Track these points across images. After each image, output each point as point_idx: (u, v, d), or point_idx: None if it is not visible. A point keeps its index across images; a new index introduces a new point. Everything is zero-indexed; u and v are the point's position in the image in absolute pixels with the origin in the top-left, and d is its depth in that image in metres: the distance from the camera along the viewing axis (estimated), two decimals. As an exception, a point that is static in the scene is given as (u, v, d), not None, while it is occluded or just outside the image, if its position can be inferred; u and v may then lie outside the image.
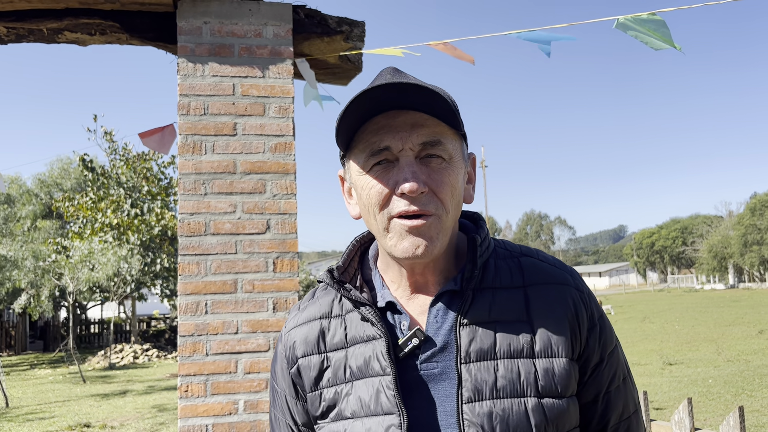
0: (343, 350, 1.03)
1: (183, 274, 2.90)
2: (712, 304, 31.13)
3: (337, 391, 1.01)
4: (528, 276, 1.04)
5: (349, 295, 1.03)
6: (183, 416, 2.81)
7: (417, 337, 0.98)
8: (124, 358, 19.85)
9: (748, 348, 13.72)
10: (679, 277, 74.03)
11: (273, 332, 2.92)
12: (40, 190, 27.44)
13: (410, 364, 0.98)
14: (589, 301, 1.04)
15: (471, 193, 1.07)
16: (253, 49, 3.08)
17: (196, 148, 2.98)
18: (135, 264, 18.11)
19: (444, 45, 3.23)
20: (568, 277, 1.06)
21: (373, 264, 1.11)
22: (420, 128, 0.96)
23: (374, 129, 0.97)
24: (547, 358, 0.97)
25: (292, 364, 1.07)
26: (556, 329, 0.99)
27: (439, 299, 1.01)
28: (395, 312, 1.03)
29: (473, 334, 0.97)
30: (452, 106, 0.95)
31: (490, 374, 0.95)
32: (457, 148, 1.00)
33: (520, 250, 1.10)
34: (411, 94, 0.93)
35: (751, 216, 55.63)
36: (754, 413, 7.52)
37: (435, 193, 0.96)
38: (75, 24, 3.12)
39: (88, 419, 10.01)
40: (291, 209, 3.02)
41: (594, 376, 1.03)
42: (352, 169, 1.02)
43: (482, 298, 1.00)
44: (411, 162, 0.95)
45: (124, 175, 20.15)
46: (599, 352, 1.03)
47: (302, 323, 1.09)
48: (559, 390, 0.96)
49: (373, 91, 0.92)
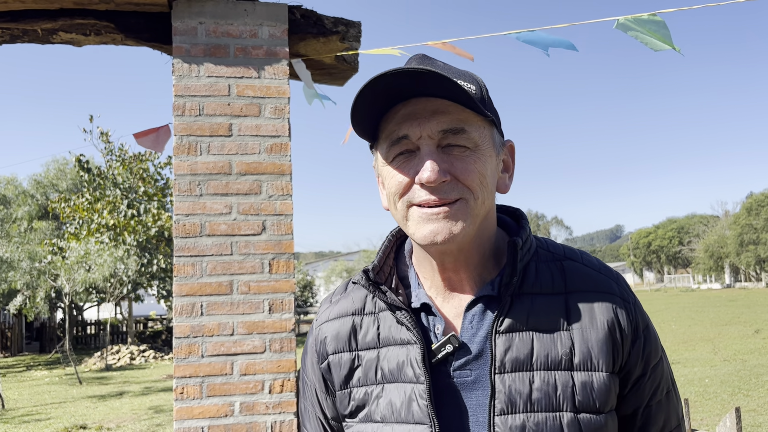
0: (375, 350, 1.00)
1: (178, 275, 2.88)
2: (708, 304, 31.19)
3: (367, 392, 0.99)
4: (570, 282, 0.99)
5: (384, 298, 1.00)
6: (178, 418, 2.80)
7: (451, 344, 0.94)
8: (121, 360, 19.80)
9: (744, 347, 13.74)
10: (675, 277, 74.20)
11: (269, 334, 2.91)
12: (36, 191, 27.36)
13: (443, 370, 0.95)
14: (635, 311, 0.99)
15: (507, 183, 1.01)
16: (249, 49, 3.07)
17: (191, 149, 2.97)
18: (131, 265, 18.06)
19: (443, 44, 3.22)
20: (613, 284, 1.00)
21: (409, 260, 1.07)
22: (440, 115, 0.91)
23: (394, 118, 0.94)
24: (586, 371, 0.92)
25: (322, 359, 1.06)
26: (597, 341, 0.94)
27: (475, 304, 0.97)
28: (430, 314, 0.99)
29: (509, 342, 0.93)
30: (479, 92, 0.91)
31: (525, 386, 0.91)
32: (485, 136, 0.94)
33: (564, 252, 1.04)
34: (430, 80, 0.88)
35: (747, 215, 55.78)
36: (750, 413, 7.53)
37: (459, 180, 0.91)
38: (70, 24, 3.11)
39: (84, 421, 9.98)
40: (287, 210, 3.01)
41: (635, 389, 0.98)
42: (378, 159, 0.99)
43: (520, 305, 0.95)
44: (431, 151, 0.91)
45: (120, 175, 20.10)
46: (642, 365, 0.98)
47: (334, 318, 1.06)
48: (598, 405, 0.92)
49: (384, 77, 0.88)
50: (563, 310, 0.96)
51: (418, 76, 0.87)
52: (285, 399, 2.88)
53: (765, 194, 55.89)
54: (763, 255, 53.38)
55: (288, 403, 2.89)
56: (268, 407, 2.86)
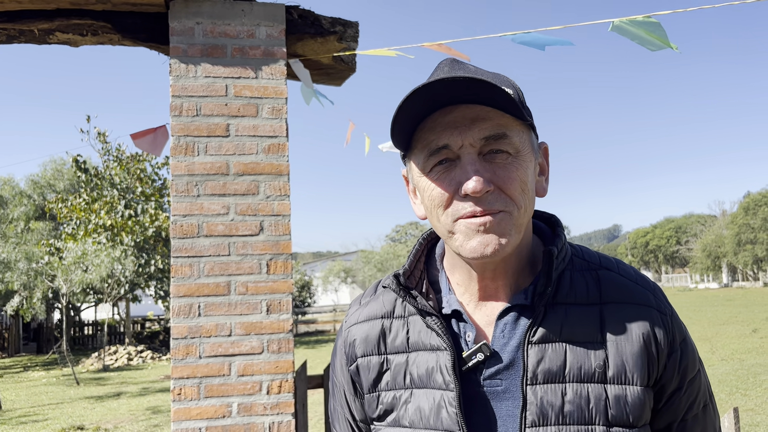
0: (404, 354, 0.99)
1: (176, 276, 2.88)
2: (706, 303, 31.23)
3: (395, 396, 0.98)
4: (606, 292, 0.97)
5: (415, 303, 0.98)
6: (176, 419, 2.79)
7: (483, 352, 0.93)
8: (118, 360, 19.77)
9: (742, 347, 13.77)
10: (673, 276, 74.28)
11: (267, 334, 2.91)
12: (33, 191, 27.30)
13: (473, 378, 0.94)
14: (671, 324, 0.97)
15: (544, 186, 1.00)
16: (246, 49, 3.07)
17: (188, 149, 2.96)
18: (129, 265, 18.04)
19: (438, 45, 3.22)
20: (649, 296, 0.98)
21: (440, 264, 1.05)
22: (481, 122, 0.89)
23: (432, 126, 0.91)
24: (620, 384, 0.91)
25: (351, 361, 1.05)
26: (631, 354, 0.92)
27: (508, 312, 0.95)
28: (460, 320, 0.98)
29: (542, 353, 0.91)
30: (516, 95, 0.90)
31: (557, 398, 0.90)
32: (525, 140, 0.92)
33: (599, 261, 1.02)
34: (468, 87, 0.86)
35: (745, 215, 55.86)
36: (748, 412, 7.54)
37: (502, 190, 0.89)
38: (66, 25, 3.10)
39: (81, 421, 9.96)
40: (284, 211, 3.00)
41: (670, 403, 0.96)
42: (413, 170, 0.97)
43: (554, 315, 0.94)
44: (473, 160, 0.89)
45: (117, 176, 20.07)
46: (678, 378, 0.96)
47: (363, 320, 1.06)
48: (631, 420, 0.90)
49: (427, 88, 0.85)
50: (598, 322, 0.94)
51: (467, 84, 0.85)
52: (283, 400, 2.88)
53: (762, 194, 56.00)
54: (761, 254, 53.49)
55: (286, 404, 2.88)
56: (266, 408, 2.86)
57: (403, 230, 69.39)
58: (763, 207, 54.15)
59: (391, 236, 69.81)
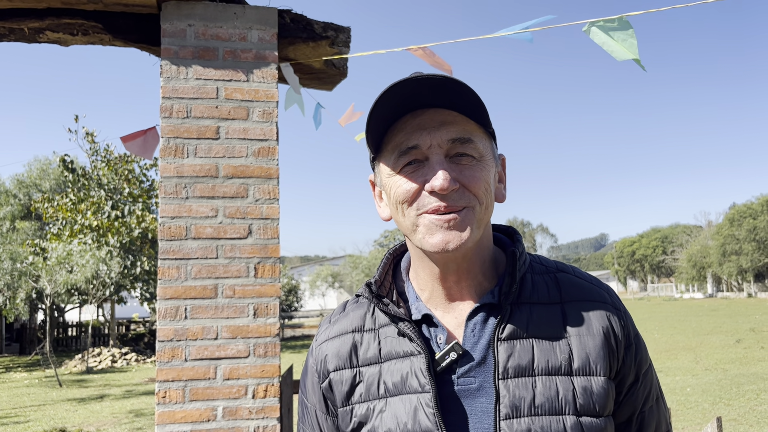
0: (376, 365, 1.02)
1: (163, 278, 2.86)
2: (690, 313, 31.46)
3: (369, 407, 1.00)
4: (565, 292, 1.03)
5: (387, 309, 1.02)
6: (160, 422, 2.78)
7: (455, 351, 0.96)
8: (102, 362, 19.59)
9: (725, 357, 13.87)
10: (658, 286, 74.82)
11: (253, 338, 2.90)
12: (18, 191, 27.05)
13: (446, 379, 0.97)
14: (626, 320, 1.03)
15: (503, 192, 1.06)
16: (238, 52, 3.07)
17: (178, 151, 2.95)
18: (114, 266, 17.89)
19: (423, 51, 3.21)
20: (605, 294, 1.05)
21: (406, 276, 1.09)
22: (449, 125, 0.95)
23: (402, 128, 0.96)
24: (585, 376, 0.96)
25: (323, 378, 1.06)
26: (594, 346, 0.98)
27: (477, 313, 1.00)
28: (431, 325, 1.01)
29: (511, 349, 0.96)
30: (481, 103, 0.94)
31: (528, 391, 0.94)
32: (487, 147, 0.99)
33: (556, 265, 1.09)
34: (437, 91, 0.92)
35: (730, 226, 56.40)
36: (731, 422, 7.59)
37: (467, 188, 0.95)
38: (57, 24, 3.09)
39: (64, 424, 9.85)
40: (273, 214, 3.00)
41: (629, 395, 1.02)
42: (382, 172, 1.01)
43: (520, 313, 0.99)
44: (441, 160, 0.94)
45: (105, 176, 19.93)
46: (635, 371, 1.02)
47: (334, 336, 1.08)
48: (597, 409, 0.95)
49: (398, 86, 0.91)
50: (560, 319, 1.00)
51: (438, 83, 0.91)
52: (268, 404, 2.87)
53: (747, 205, 56.56)
54: (745, 265, 53.99)
55: (271, 408, 2.87)
56: (251, 412, 2.85)
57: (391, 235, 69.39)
58: (748, 219, 54.70)
59: (380, 241, 69.79)
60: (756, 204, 55.79)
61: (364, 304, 1.10)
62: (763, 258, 53.49)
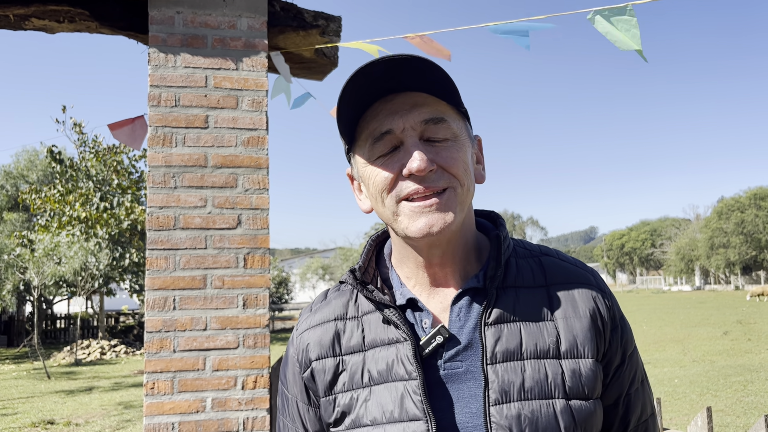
0: (360, 354, 0.99)
1: (151, 268, 2.83)
2: (678, 306, 31.71)
3: (353, 397, 0.97)
4: (550, 275, 1.02)
5: (372, 296, 1.00)
6: (149, 414, 2.76)
7: (441, 335, 0.94)
8: (91, 354, 19.50)
9: (713, 349, 13.99)
10: (647, 279, 75.38)
11: (242, 329, 2.88)
12: (5, 182, 26.81)
13: (432, 364, 0.95)
14: (611, 302, 1.03)
15: (482, 173, 1.04)
16: (227, 40, 3.03)
17: (166, 140, 2.92)
18: (103, 258, 17.79)
19: (420, 38, 3.19)
20: (590, 276, 1.04)
21: (389, 262, 1.07)
22: (420, 107, 0.93)
23: (374, 114, 0.95)
24: (573, 359, 0.95)
25: (305, 367, 1.03)
26: (581, 329, 0.97)
27: (462, 296, 0.98)
28: (416, 310, 1.00)
29: (499, 333, 0.95)
30: (451, 82, 0.92)
31: (517, 375, 0.92)
32: (461, 127, 0.98)
33: (540, 249, 1.08)
34: (406, 74, 0.91)
35: (718, 219, 56.84)
36: (718, 413, 7.66)
37: (445, 169, 0.93)
38: (43, 11, 3.04)
39: (52, 416, 9.80)
40: (263, 204, 2.97)
41: (616, 377, 1.01)
42: (358, 163, 1.00)
43: (506, 297, 0.98)
44: (416, 142, 0.92)
45: (93, 167, 19.77)
46: (621, 353, 1.01)
47: (315, 325, 1.05)
48: (586, 392, 0.94)
49: (366, 68, 0.90)
50: (546, 302, 0.99)
51: (404, 62, 0.89)
52: (258, 395, 2.85)
53: (735, 199, 57.00)
54: (733, 258, 54.45)
55: (261, 399, 2.86)
56: (240, 403, 2.83)
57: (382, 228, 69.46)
58: (736, 212, 55.14)
59: (370, 234, 69.76)
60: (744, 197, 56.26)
61: (346, 291, 1.07)
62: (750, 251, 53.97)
